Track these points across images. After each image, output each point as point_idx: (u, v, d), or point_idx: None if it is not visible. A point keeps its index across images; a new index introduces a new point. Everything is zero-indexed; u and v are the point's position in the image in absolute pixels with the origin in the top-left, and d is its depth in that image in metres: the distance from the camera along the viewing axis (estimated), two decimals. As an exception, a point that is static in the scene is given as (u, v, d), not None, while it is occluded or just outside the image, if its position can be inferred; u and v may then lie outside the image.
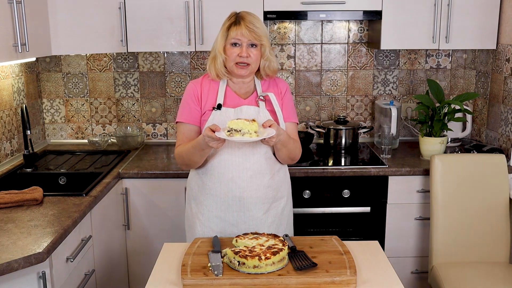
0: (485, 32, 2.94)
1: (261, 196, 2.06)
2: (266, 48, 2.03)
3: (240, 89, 2.12)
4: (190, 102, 2.09)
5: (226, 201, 2.06)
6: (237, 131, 1.86)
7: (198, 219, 2.11)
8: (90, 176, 2.68)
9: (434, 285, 2.52)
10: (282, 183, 2.16)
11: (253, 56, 2.01)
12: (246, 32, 1.98)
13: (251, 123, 1.87)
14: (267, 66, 2.07)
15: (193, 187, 2.16)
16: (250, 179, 2.04)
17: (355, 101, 3.42)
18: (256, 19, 2.03)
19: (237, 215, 2.07)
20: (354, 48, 3.35)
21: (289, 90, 2.18)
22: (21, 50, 2.37)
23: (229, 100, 2.08)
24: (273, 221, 2.11)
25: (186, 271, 1.66)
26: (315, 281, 1.62)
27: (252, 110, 2.06)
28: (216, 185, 2.06)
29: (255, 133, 1.86)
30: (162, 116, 3.41)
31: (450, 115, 2.89)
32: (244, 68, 2.03)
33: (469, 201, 2.61)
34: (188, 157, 2.04)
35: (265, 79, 2.14)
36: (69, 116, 3.41)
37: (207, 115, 2.06)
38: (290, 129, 2.13)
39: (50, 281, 1.82)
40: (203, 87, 2.10)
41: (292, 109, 2.16)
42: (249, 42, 2.00)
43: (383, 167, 2.78)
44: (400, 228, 2.86)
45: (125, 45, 2.92)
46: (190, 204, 2.17)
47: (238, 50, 2.00)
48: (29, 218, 2.03)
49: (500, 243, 2.61)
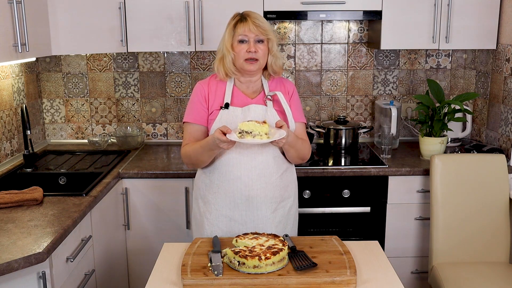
0: (485, 32, 2.94)
1: (268, 195, 2.07)
2: (274, 43, 2.06)
3: (247, 89, 2.14)
4: (197, 102, 2.11)
5: (233, 200, 2.07)
6: (248, 133, 1.88)
7: (206, 218, 2.12)
8: (90, 176, 2.68)
9: (434, 285, 2.52)
10: (289, 183, 2.17)
11: (261, 52, 2.04)
12: (253, 28, 2.01)
13: (262, 125, 1.88)
14: (274, 62, 2.10)
15: (200, 186, 2.16)
16: (258, 177, 2.05)
17: (355, 101, 3.42)
18: (261, 16, 2.08)
19: (245, 214, 2.07)
20: (354, 48, 3.35)
21: (296, 90, 2.21)
22: (21, 50, 2.37)
23: (236, 99, 2.10)
24: (280, 221, 2.12)
25: (186, 271, 1.67)
26: (315, 281, 1.62)
27: (260, 109, 2.08)
28: (224, 183, 2.06)
29: (265, 135, 1.89)
30: (162, 116, 3.41)
31: (450, 115, 2.89)
32: (253, 63, 2.05)
33: (469, 201, 2.61)
34: (196, 156, 2.05)
35: (272, 78, 2.17)
36: (69, 116, 3.41)
37: (214, 115, 2.08)
38: (299, 129, 2.15)
39: (50, 281, 1.82)
40: (210, 87, 2.12)
41: (300, 109, 2.19)
42: (256, 37, 2.03)
43: (383, 167, 2.78)
44: (400, 228, 2.86)
45: (125, 45, 2.92)
46: (198, 203, 2.18)
47: (246, 47, 2.03)
48: (29, 218, 2.03)
49: (500, 243, 2.61)
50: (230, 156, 2.05)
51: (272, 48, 2.07)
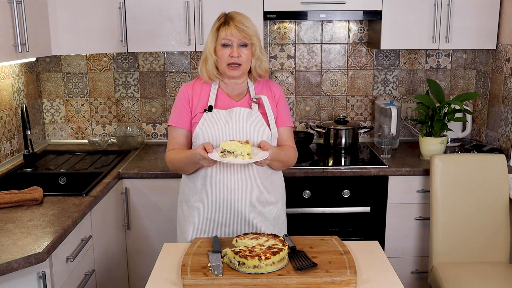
0: (485, 32, 2.94)
1: (252, 199, 2.04)
2: (257, 47, 2.02)
3: (232, 91, 2.11)
4: (180, 105, 2.09)
5: (216, 204, 2.04)
6: (230, 153, 1.88)
7: (189, 222, 2.09)
8: (90, 176, 2.68)
9: (434, 285, 2.52)
10: (276, 187, 2.15)
11: (244, 56, 2.00)
12: (235, 32, 1.97)
13: (244, 145, 1.88)
14: (258, 65, 2.06)
15: (184, 190, 2.15)
16: (240, 181, 2.02)
17: (355, 101, 3.42)
18: (246, 18, 2.02)
19: (229, 218, 2.05)
20: (354, 48, 3.35)
21: (283, 93, 2.18)
22: (21, 50, 2.37)
23: (220, 102, 2.08)
24: (267, 226, 2.08)
25: (186, 271, 1.67)
26: (315, 281, 1.62)
27: (243, 112, 2.05)
28: (207, 187, 2.04)
29: (248, 155, 1.88)
30: (162, 116, 3.41)
31: (450, 115, 2.89)
32: (236, 69, 2.02)
33: (469, 201, 2.61)
34: (180, 166, 2.05)
35: (258, 80, 2.13)
36: (69, 116, 3.41)
37: (198, 118, 2.06)
38: (285, 133, 2.13)
39: (50, 281, 1.82)
40: (194, 90, 2.10)
41: (287, 113, 2.15)
42: (240, 42, 1.99)
43: (383, 167, 2.78)
44: (400, 228, 2.86)
45: (125, 45, 2.92)
46: (182, 207, 2.16)
47: (229, 51, 1.99)
48: (29, 218, 2.03)
49: (500, 243, 2.61)
50: None
51: (255, 52, 2.03)
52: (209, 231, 2.07)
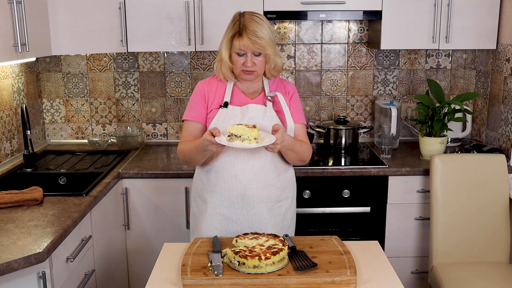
0: (485, 32, 2.94)
1: (264, 195, 2.07)
2: (271, 55, 2.04)
3: (247, 89, 2.14)
4: (196, 100, 2.12)
5: (229, 199, 2.07)
6: (237, 137, 1.88)
7: (203, 217, 2.12)
8: (90, 176, 2.68)
9: (434, 285, 2.52)
10: (287, 184, 2.17)
11: (258, 63, 2.03)
12: (248, 44, 1.98)
13: (252, 130, 1.88)
14: (273, 68, 2.10)
15: (198, 185, 2.17)
16: (253, 176, 2.05)
17: (355, 101, 3.42)
18: (260, 25, 2.00)
19: (241, 213, 2.07)
20: (354, 48, 3.35)
21: (296, 92, 2.21)
22: (21, 50, 2.37)
23: (236, 98, 2.11)
24: (277, 222, 2.11)
25: (186, 271, 1.67)
26: (315, 281, 1.62)
27: (258, 109, 2.08)
28: (220, 182, 2.07)
29: (254, 140, 1.88)
30: (162, 116, 3.41)
31: (450, 115, 2.89)
32: (251, 73, 2.05)
33: (469, 201, 2.61)
34: (190, 155, 2.06)
35: (272, 78, 2.17)
36: (69, 116, 3.41)
37: (213, 113, 2.09)
38: (299, 130, 2.15)
39: (50, 281, 1.82)
40: (211, 86, 2.14)
41: (300, 111, 2.19)
42: (253, 52, 2.01)
43: (383, 167, 2.78)
44: (400, 228, 2.86)
45: (125, 45, 2.92)
46: (196, 202, 2.18)
47: (243, 59, 2.02)
48: (29, 218, 2.03)
49: (500, 243, 2.61)
50: (228, 155, 2.05)
51: (269, 60, 2.05)
52: (221, 228, 2.09)
